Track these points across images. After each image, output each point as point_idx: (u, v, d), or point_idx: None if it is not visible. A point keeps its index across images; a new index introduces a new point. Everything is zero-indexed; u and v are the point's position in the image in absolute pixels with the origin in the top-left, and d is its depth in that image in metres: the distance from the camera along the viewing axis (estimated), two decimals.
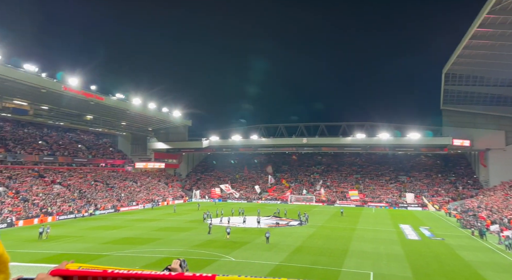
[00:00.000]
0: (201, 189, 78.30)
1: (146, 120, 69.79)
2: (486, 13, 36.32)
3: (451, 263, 23.23)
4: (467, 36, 43.37)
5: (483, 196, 57.51)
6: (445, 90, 64.69)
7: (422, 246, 29.38)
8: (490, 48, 45.42)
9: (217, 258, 23.56)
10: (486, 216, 41.52)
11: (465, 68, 57.02)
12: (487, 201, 51.16)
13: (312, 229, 36.98)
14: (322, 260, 23.39)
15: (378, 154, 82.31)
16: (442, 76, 61.83)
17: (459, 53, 49.49)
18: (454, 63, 54.49)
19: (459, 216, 47.05)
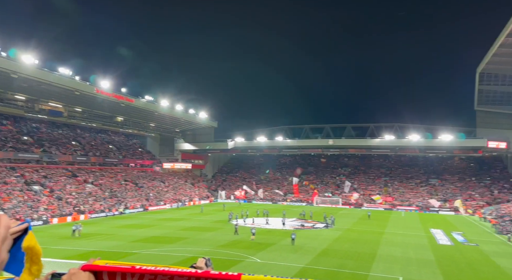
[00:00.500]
0: (226, 189, 78.94)
1: (173, 122, 71.31)
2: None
3: (486, 270, 22.18)
4: (503, 34, 41.43)
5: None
6: (479, 90, 61.99)
7: (455, 251, 28.23)
8: None
9: (242, 258, 23.66)
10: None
11: (501, 68, 54.40)
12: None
13: (338, 232, 36.40)
14: (349, 263, 22.97)
15: (407, 156, 79.96)
16: (477, 76, 59.31)
17: (495, 51, 47.34)
18: (489, 62, 52.14)
19: (494, 221, 44.86)
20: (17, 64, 38.53)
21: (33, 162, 51.28)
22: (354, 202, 67.93)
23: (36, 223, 37.98)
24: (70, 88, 45.71)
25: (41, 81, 42.09)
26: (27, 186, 45.06)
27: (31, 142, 53.99)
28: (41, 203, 42.26)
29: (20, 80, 40.51)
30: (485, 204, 61.18)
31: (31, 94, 48.12)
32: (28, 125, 57.52)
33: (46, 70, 42.44)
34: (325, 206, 66.87)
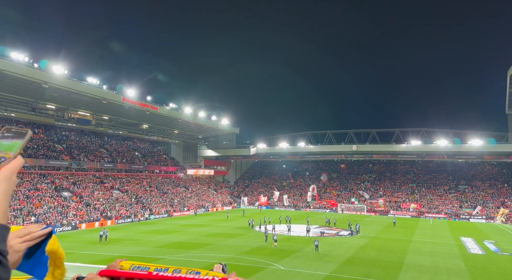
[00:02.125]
0: (248, 196, 78.95)
1: (196, 128, 72.31)
2: None
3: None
4: None
5: None
6: (510, 93, 59.42)
7: (487, 261, 26.95)
8: None
9: (266, 265, 23.50)
10: None
11: None
12: None
13: (364, 240, 35.56)
14: (375, 272, 22.37)
15: (435, 162, 77.43)
16: (507, 78, 56.87)
17: None
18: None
19: None
20: (48, 74, 40.24)
21: (63, 169, 53.17)
22: (382, 209, 66.28)
23: (65, 228, 39.24)
24: (98, 97, 47.28)
25: (70, 91, 43.76)
26: (57, 192, 46.71)
27: (61, 149, 56.07)
28: (70, 209, 43.66)
29: (51, 90, 42.25)
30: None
31: (61, 103, 50.09)
32: (58, 133, 59.78)
33: (75, 80, 44.14)
34: (349, 213, 65.61)
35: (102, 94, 47.61)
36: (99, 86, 47.45)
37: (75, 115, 55.35)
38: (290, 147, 77.43)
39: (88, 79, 46.18)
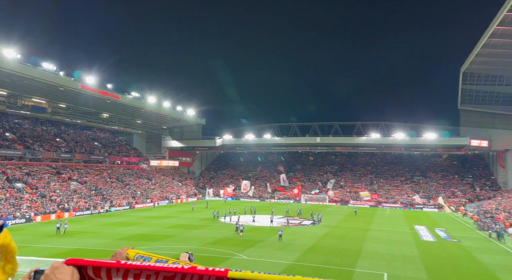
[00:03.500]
0: (214, 187, 78.76)
1: (160, 119, 70.66)
2: (507, 11, 35.36)
3: (468, 266, 22.74)
4: (487, 34, 42.31)
5: (501, 197, 56.07)
6: (463, 89, 63.28)
7: (438, 247, 28.85)
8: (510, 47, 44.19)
9: (230, 255, 23.68)
10: (504, 218, 40.50)
11: (484, 68, 55.61)
12: (506, 203, 49.85)
13: (325, 229, 36.75)
14: (335, 260, 23.24)
15: (393, 154, 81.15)
16: (460, 76, 60.49)
17: (478, 52, 48.31)
18: (473, 62, 53.20)
19: (476, 218, 46.00)
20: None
21: (16, 159, 50.14)
22: (336, 198, 68.72)
23: (19, 221, 37.18)
24: (54, 83, 44.78)
25: (23, 76, 41.11)
26: (9, 183, 44.02)
27: (13, 138, 52.73)
28: (24, 201, 41.36)
29: (2, 75, 39.50)
30: (468, 201, 62.68)
31: (14, 90, 46.98)
32: (10, 121, 56.15)
33: (29, 65, 41.46)
34: (312, 203, 67.40)
35: (58, 81, 45.13)
36: (55, 72, 44.89)
37: (29, 102, 52.10)
38: (256, 138, 77.90)
39: (44, 65, 43.49)
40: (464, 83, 61.34)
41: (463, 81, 61.19)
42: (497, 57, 49.26)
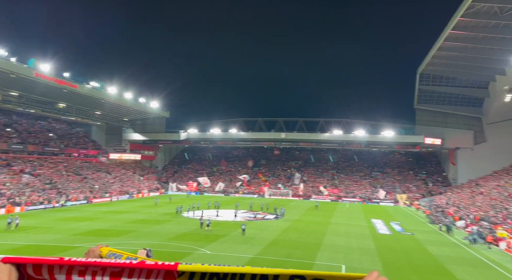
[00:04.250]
0: (177, 181, 77.54)
1: (122, 110, 68.19)
2: (460, 16, 37.48)
3: (419, 258, 24.10)
4: (442, 38, 44.66)
5: (451, 193, 59.86)
6: (419, 90, 66.58)
7: (393, 240, 30.31)
8: (463, 50, 46.99)
9: (192, 250, 23.47)
10: (453, 212, 43.29)
11: (439, 69, 58.77)
12: (455, 198, 53.30)
13: (287, 223, 37.41)
14: (296, 253, 23.73)
15: (353, 150, 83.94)
16: (417, 76, 63.55)
17: (434, 54, 50.92)
18: (429, 64, 56.02)
19: (428, 212, 48.81)
20: None
21: None
22: (301, 193, 70.25)
23: None
24: (5, 70, 41.79)
25: None
26: None
27: None
28: None
29: None
30: (421, 196, 66.35)
31: None
32: None
33: None
34: (276, 198, 68.35)
35: (9, 67, 42.16)
36: (6, 58, 41.88)
37: None
38: (222, 132, 77.53)
39: None
40: (421, 84, 64.55)
41: (420, 82, 64.36)
42: (451, 59, 52.21)
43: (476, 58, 48.50)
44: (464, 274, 19.97)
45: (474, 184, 58.00)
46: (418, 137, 67.63)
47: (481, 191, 50.54)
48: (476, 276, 19.77)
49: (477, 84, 61.29)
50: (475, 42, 43.37)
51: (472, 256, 24.94)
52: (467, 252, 26.26)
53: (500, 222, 32.74)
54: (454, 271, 20.53)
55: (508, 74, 49.61)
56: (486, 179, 58.24)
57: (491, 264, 22.57)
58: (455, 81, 62.33)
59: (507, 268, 21.69)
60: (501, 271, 20.98)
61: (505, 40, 41.28)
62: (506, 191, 44.42)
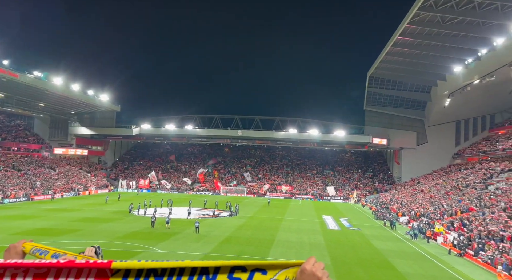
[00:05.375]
0: (128, 178, 74.70)
1: (68, 103, 64.14)
2: (407, 23, 39.86)
3: (366, 252, 25.37)
4: (390, 43, 47.23)
5: (395, 190, 63.72)
6: (368, 92, 69.99)
7: (341, 235, 31.61)
8: (409, 56, 50.09)
9: (142, 249, 22.74)
10: (396, 208, 46.08)
11: (387, 73, 62.17)
12: (398, 195, 56.80)
13: (242, 220, 37.56)
14: (249, 249, 23.90)
15: (307, 149, 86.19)
16: (367, 79, 66.73)
17: (382, 58, 53.71)
18: (378, 67, 59.03)
19: (374, 208, 51.52)
20: None
21: None
22: (253, 191, 70.96)
23: None
24: None
25: None
26: None
27: None
28: None
29: None
30: (368, 193, 69.88)
31: None
32: None
33: None
34: (231, 195, 68.33)
35: None
36: None
37: None
38: (177, 129, 75.91)
39: None
40: (370, 86, 67.90)
41: (369, 85, 67.68)
42: (398, 64, 55.42)
43: (420, 64, 51.95)
44: (405, 267, 21.35)
45: (416, 182, 62.20)
46: (366, 137, 71.08)
47: (422, 189, 54.31)
48: (415, 269, 21.22)
49: (421, 89, 65.75)
50: (419, 48, 46.41)
51: (413, 250, 26.72)
52: (408, 246, 28.09)
53: (438, 218, 35.42)
54: (397, 264, 21.87)
55: (448, 80, 53.73)
56: (427, 178, 62.71)
57: (429, 257, 24.34)
58: (401, 85, 66.38)
59: (443, 260, 23.53)
60: (438, 264, 22.72)
61: (446, 48, 44.66)
62: (444, 189, 48.16)
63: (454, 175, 54.04)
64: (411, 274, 19.89)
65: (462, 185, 45.32)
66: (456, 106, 59.11)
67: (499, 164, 46.82)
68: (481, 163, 53.65)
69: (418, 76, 59.31)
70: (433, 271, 20.83)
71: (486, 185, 41.26)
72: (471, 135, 68.59)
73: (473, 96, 54.85)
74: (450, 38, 41.86)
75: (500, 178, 41.87)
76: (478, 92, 52.44)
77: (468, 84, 49.17)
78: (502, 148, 50.68)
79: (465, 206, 35.90)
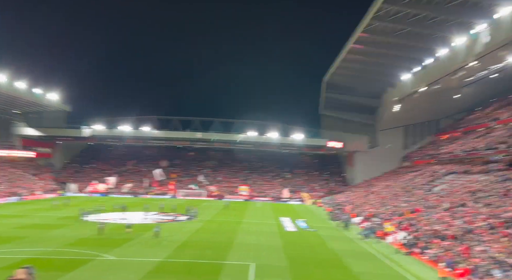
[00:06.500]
0: (79, 182, 70.92)
1: (12, 101, 59.70)
2: (361, 32, 41.77)
3: (322, 252, 26.07)
4: (345, 50, 49.20)
5: (350, 192, 66.25)
6: (325, 97, 72.37)
7: (298, 237, 32.23)
8: (362, 63, 52.55)
9: (93, 257, 21.63)
10: (350, 209, 47.87)
11: (342, 79, 64.69)
12: (352, 196, 59.10)
13: (200, 224, 37.07)
14: (207, 254, 23.63)
15: (266, 151, 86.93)
16: (323, 84, 68.98)
17: (338, 65, 55.80)
18: (334, 73, 61.23)
19: (329, 209, 53.13)
20: None
21: None
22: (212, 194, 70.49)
23: None
24: None
25: None
26: None
27: None
28: None
29: None
30: (324, 194, 71.98)
31: None
32: None
33: None
34: (189, 199, 67.21)
35: None
36: None
37: None
38: (133, 130, 73.52)
39: None
40: (326, 91, 70.27)
41: (326, 90, 70.00)
42: (352, 71, 57.85)
43: (372, 71, 54.69)
44: (358, 267, 22.20)
45: (368, 184, 65.11)
46: (322, 140, 73.36)
47: (373, 190, 56.95)
48: (367, 267, 22.15)
49: (372, 95, 69.11)
50: (372, 56, 48.86)
51: (365, 250, 27.85)
52: (360, 246, 29.25)
53: (388, 218, 37.29)
54: (350, 264, 22.69)
55: (398, 87, 57.00)
56: (378, 180, 65.89)
57: (380, 256, 25.51)
58: (355, 91, 69.34)
59: (393, 259, 24.77)
60: (387, 262, 23.87)
61: (396, 57, 47.39)
62: (394, 190, 50.82)
63: (403, 177, 57.25)
64: (363, 273, 20.72)
65: (410, 187, 48.12)
66: (404, 112, 62.79)
67: (443, 167, 50.33)
68: (427, 165, 57.33)
69: (370, 82, 62.31)
70: (384, 270, 21.87)
71: (432, 186, 44.14)
72: (418, 139, 73.16)
73: (420, 103, 58.63)
74: (400, 48, 44.50)
75: (444, 180, 45.02)
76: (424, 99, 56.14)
77: (415, 91, 52.50)
78: (446, 151, 54.54)
79: (412, 207, 38.13)
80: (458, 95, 59.58)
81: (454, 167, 47.40)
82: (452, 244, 23.91)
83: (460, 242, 23.82)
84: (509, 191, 29.56)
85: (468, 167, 43.96)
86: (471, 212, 28.63)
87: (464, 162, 47.88)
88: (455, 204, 32.77)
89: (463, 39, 36.95)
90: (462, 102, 64.04)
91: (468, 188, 35.55)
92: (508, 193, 29.29)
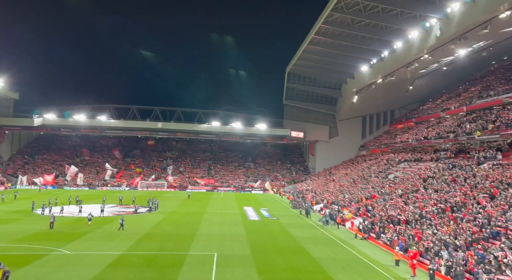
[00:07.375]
0: (29, 174, 66.81)
1: None
2: (321, 23, 42.34)
3: (283, 240, 26.60)
4: (306, 41, 49.76)
5: (310, 180, 67.96)
6: (287, 87, 73.09)
7: (261, 225, 32.66)
8: (323, 54, 53.39)
9: (47, 252, 20.57)
10: (311, 197, 49.17)
11: (303, 70, 65.57)
12: (313, 185, 60.67)
13: (161, 215, 36.39)
14: (169, 245, 23.28)
15: (230, 141, 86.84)
16: (286, 75, 69.54)
17: (300, 56, 56.38)
18: (295, 64, 61.85)
19: (291, 198, 54.26)
20: None
21: None
22: (175, 184, 69.47)
23: None
24: None
25: None
26: None
27: None
28: None
29: None
30: (286, 183, 73.30)
31: None
32: None
33: None
34: (150, 190, 65.69)
35: None
36: None
37: None
38: (88, 120, 70.16)
39: None
40: (289, 81, 70.99)
41: (288, 80, 70.68)
42: (314, 62, 58.71)
43: (333, 62, 55.79)
44: (318, 252, 22.93)
45: (328, 172, 67.11)
46: (285, 130, 74.30)
47: (333, 178, 58.81)
48: (327, 253, 22.92)
49: (333, 86, 70.82)
50: (332, 48, 49.76)
51: (325, 236, 28.82)
52: (320, 233, 30.21)
53: (347, 205, 38.75)
54: (310, 250, 23.37)
55: (356, 78, 58.72)
56: (337, 168, 68.06)
57: (338, 242, 26.51)
58: (316, 82, 70.67)
59: (351, 244, 25.83)
60: (346, 247, 24.86)
61: (354, 49, 48.61)
62: (352, 178, 52.78)
63: (360, 165, 59.57)
64: (323, 258, 21.43)
65: (367, 174, 50.22)
66: (362, 103, 65.05)
67: (397, 155, 52.95)
68: (382, 154, 60.02)
69: (331, 74, 63.71)
70: (342, 254, 22.76)
71: (387, 174, 46.36)
72: (375, 129, 76.31)
73: (377, 94, 60.95)
74: (358, 40, 45.68)
75: (398, 168, 47.42)
76: (381, 90, 58.40)
77: (372, 83, 54.40)
78: (400, 140, 57.37)
79: (369, 193, 39.86)
80: (411, 87, 62.67)
81: (407, 155, 50.02)
82: (405, 228, 25.34)
83: (413, 226, 25.31)
84: (456, 177, 31.72)
85: (420, 155, 46.57)
86: (422, 198, 30.45)
87: (416, 150, 50.65)
88: (408, 190, 34.68)
89: (417, 33, 38.67)
90: (415, 93, 67.45)
91: (420, 175, 37.71)
92: (456, 179, 31.43)
